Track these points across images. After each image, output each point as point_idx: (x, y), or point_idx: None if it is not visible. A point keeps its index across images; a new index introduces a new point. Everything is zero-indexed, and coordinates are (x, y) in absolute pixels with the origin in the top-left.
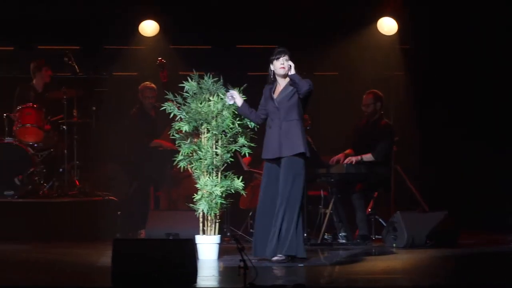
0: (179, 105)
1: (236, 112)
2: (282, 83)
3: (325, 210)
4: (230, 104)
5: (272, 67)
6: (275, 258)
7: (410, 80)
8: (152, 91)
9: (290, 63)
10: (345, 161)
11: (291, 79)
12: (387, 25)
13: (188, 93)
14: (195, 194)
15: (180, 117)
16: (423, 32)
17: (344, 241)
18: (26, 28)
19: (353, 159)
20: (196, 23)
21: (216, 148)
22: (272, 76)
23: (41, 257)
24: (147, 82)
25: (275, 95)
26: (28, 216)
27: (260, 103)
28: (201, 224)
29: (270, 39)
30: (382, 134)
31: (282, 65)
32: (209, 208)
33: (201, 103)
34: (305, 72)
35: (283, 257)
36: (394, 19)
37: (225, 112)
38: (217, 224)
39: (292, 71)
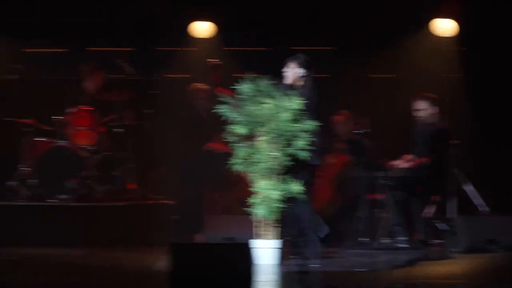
0: (234, 107)
1: (293, 116)
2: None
3: (383, 214)
4: (287, 106)
5: None
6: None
7: (467, 82)
8: (204, 92)
9: (294, 71)
10: (404, 165)
11: None
12: (444, 26)
13: (244, 95)
14: (249, 198)
15: (235, 120)
16: (481, 33)
17: (402, 245)
18: (78, 30)
19: (411, 162)
20: (251, 24)
21: (273, 152)
22: None
23: (95, 262)
24: (198, 84)
25: None
26: (81, 221)
27: None
28: (257, 229)
29: (325, 41)
30: (439, 137)
31: (284, 72)
32: (266, 212)
33: (257, 106)
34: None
35: None
36: (452, 20)
37: (282, 115)
38: (275, 228)
39: (288, 81)
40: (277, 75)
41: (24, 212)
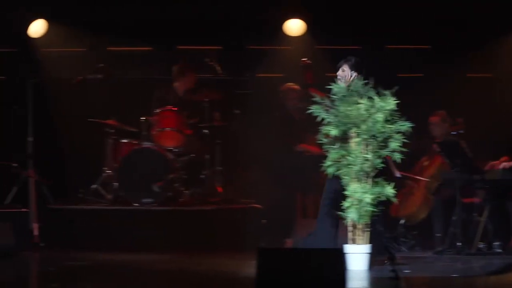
0: (327, 108)
1: (387, 117)
2: None
3: (479, 218)
4: (381, 106)
5: None
6: None
7: None
8: (296, 93)
9: (347, 73)
10: (501, 167)
11: None
12: None
13: (337, 95)
14: (343, 202)
15: (328, 121)
16: None
17: (499, 250)
18: (165, 28)
19: (509, 164)
20: (344, 23)
21: (366, 153)
22: None
23: (181, 268)
24: (290, 84)
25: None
26: (167, 225)
27: None
28: (350, 233)
29: (421, 39)
30: None
31: (338, 75)
32: (358, 216)
33: (350, 106)
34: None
35: None
36: None
37: (375, 116)
38: (367, 233)
39: (341, 83)
40: (371, 75)
41: (107, 216)
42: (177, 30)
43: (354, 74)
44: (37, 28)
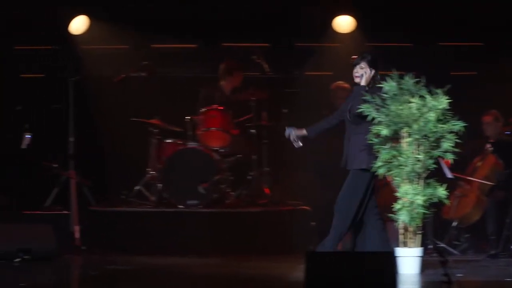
0: (377, 107)
1: (439, 116)
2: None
3: None
4: (433, 105)
5: None
6: None
7: None
8: (345, 91)
9: (365, 71)
10: None
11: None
12: None
13: (388, 94)
14: (394, 204)
15: (379, 120)
16: None
17: None
18: (211, 25)
19: None
20: (395, 19)
21: (417, 154)
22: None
23: (227, 272)
24: (339, 82)
25: (349, 104)
26: (213, 227)
27: (341, 106)
28: (401, 236)
29: (474, 36)
30: None
31: (356, 73)
32: (410, 218)
33: (401, 105)
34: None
35: None
36: None
37: (427, 115)
38: (418, 235)
39: (362, 82)
40: (422, 73)
41: (150, 218)
42: (223, 27)
43: (373, 71)
44: (79, 24)
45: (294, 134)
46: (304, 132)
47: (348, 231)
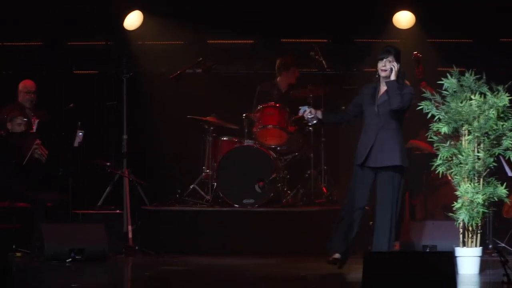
0: (437, 104)
1: (500, 113)
2: (384, 86)
3: None
4: (494, 102)
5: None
6: None
7: None
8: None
9: (394, 65)
10: None
11: (387, 87)
12: None
13: (448, 91)
14: (454, 203)
15: (439, 118)
16: None
17: None
18: (268, 20)
19: None
20: (455, 14)
21: (478, 152)
22: (377, 76)
23: (285, 272)
24: None
25: (377, 98)
26: (270, 227)
27: (353, 101)
28: (461, 235)
29: None
30: None
31: (383, 67)
32: (470, 217)
33: (461, 102)
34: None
35: None
36: None
37: (488, 112)
38: (478, 235)
39: (393, 76)
40: (483, 69)
41: (205, 218)
42: (281, 22)
43: (398, 65)
44: (133, 20)
45: (308, 110)
46: (319, 114)
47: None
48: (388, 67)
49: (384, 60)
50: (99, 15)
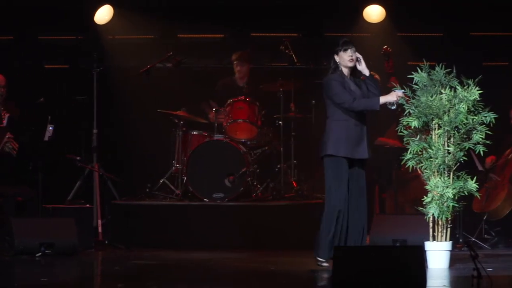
0: (407, 98)
1: (470, 107)
2: (349, 76)
3: None
4: (464, 96)
5: (337, 58)
6: None
7: None
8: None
9: (358, 55)
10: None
11: (368, 80)
12: None
13: (418, 85)
14: (424, 197)
15: (409, 112)
16: None
17: None
18: (238, 14)
19: None
20: (426, 8)
21: (448, 146)
22: (336, 68)
23: (254, 267)
24: (371, 72)
25: (356, 88)
26: (240, 221)
27: (340, 91)
28: (431, 230)
29: (507, 26)
30: None
31: (350, 57)
32: (440, 211)
33: (431, 96)
34: None
35: None
36: None
37: (458, 106)
38: (448, 229)
39: (363, 65)
40: (453, 63)
41: (175, 212)
42: (251, 16)
43: (359, 56)
44: (103, 14)
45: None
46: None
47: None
48: (354, 57)
49: (349, 50)
50: (70, 9)
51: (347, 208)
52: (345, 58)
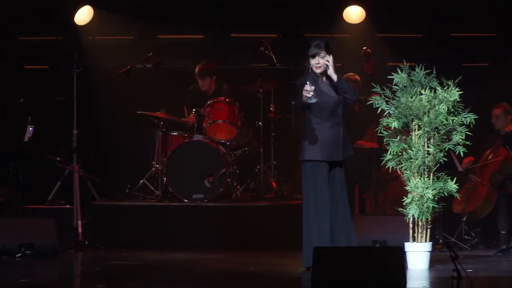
0: (387, 99)
1: (450, 108)
2: (324, 78)
3: None
4: (444, 97)
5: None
6: None
7: None
8: (356, 83)
9: (328, 59)
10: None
11: (338, 86)
12: None
13: (398, 86)
14: (404, 198)
15: (389, 113)
16: None
17: None
18: (218, 15)
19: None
20: (406, 9)
21: (428, 147)
22: (308, 69)
23: (234, 267)
24: (350, 74)
25: (329, 89)
26: (220, 222)
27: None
28: (411, 231)
29: (487, 27)
30: None
31: (317, 64)
32: (420, 212)
33: (411, 97)
34: None
35: None
36: None
37: (438, 107)
38: (428, 230)
39: (331, 70)
40: (433, 64)
41: (155, 213)
42: (231, 16)
43: (331, 56)
44: (83, 15)
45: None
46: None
47: None
48: (321, 63)
49: (317, 57)
50: (50, 10)
51: (331, 208)
52: (313, 65)
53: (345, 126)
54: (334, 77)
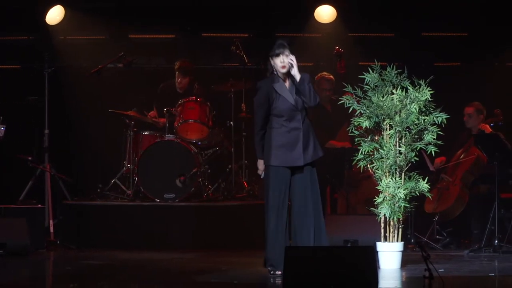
0: (358, 98)
1: (421, 108)
2: (286, 80)
3: None
4: (415, 97)
5: (272, 62)
6: None
7: None
8: (330, 83)
9: (291, 58)
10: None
11: (298, 88)
12: None
13: (369, 85)
14: (375, 197)
15: (360, 112)
16: None
17: None
18: (190, 14)
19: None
20: (377, 9)
21: (399, 146)
22: (273, 72)
23: (206, 267)
24: (324, 73)
25: (288, 94)
26: (191, 221)
27: (258, 108)
28: (382, 230)
29: (458, 26)
30: None
31: (283, 63)
32: (391, 212)
33: (383, 97)
34: None
35: None
36: None
37: (410, 107)
38: (400, 229)
39: (295, 70)
40: (405, 64)
41: (127, 212)
42: (202, 16)
43: (293, 59)
44: (55, 14)
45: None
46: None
47: None
48: (286, 62)
49: (281, 55)
50: (21, 9)
51: (292, 210)
52: (278, 64)
53: (310, 130)
54: (298, 77)
